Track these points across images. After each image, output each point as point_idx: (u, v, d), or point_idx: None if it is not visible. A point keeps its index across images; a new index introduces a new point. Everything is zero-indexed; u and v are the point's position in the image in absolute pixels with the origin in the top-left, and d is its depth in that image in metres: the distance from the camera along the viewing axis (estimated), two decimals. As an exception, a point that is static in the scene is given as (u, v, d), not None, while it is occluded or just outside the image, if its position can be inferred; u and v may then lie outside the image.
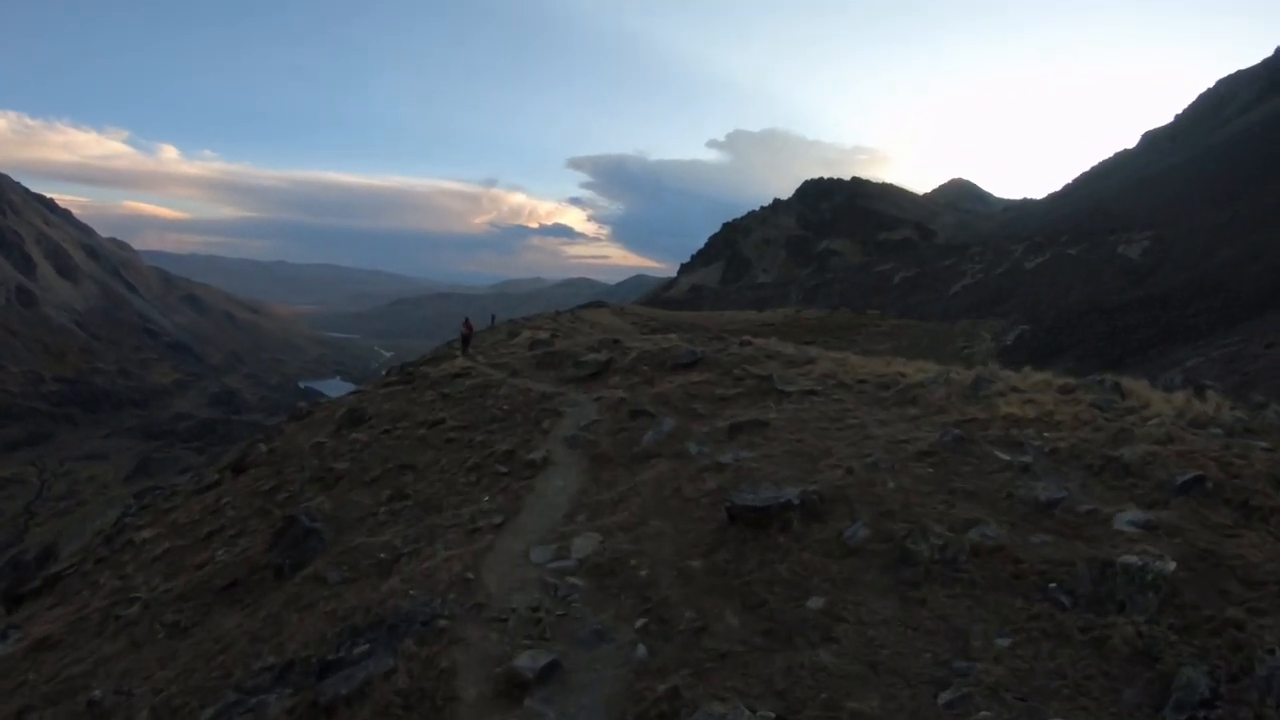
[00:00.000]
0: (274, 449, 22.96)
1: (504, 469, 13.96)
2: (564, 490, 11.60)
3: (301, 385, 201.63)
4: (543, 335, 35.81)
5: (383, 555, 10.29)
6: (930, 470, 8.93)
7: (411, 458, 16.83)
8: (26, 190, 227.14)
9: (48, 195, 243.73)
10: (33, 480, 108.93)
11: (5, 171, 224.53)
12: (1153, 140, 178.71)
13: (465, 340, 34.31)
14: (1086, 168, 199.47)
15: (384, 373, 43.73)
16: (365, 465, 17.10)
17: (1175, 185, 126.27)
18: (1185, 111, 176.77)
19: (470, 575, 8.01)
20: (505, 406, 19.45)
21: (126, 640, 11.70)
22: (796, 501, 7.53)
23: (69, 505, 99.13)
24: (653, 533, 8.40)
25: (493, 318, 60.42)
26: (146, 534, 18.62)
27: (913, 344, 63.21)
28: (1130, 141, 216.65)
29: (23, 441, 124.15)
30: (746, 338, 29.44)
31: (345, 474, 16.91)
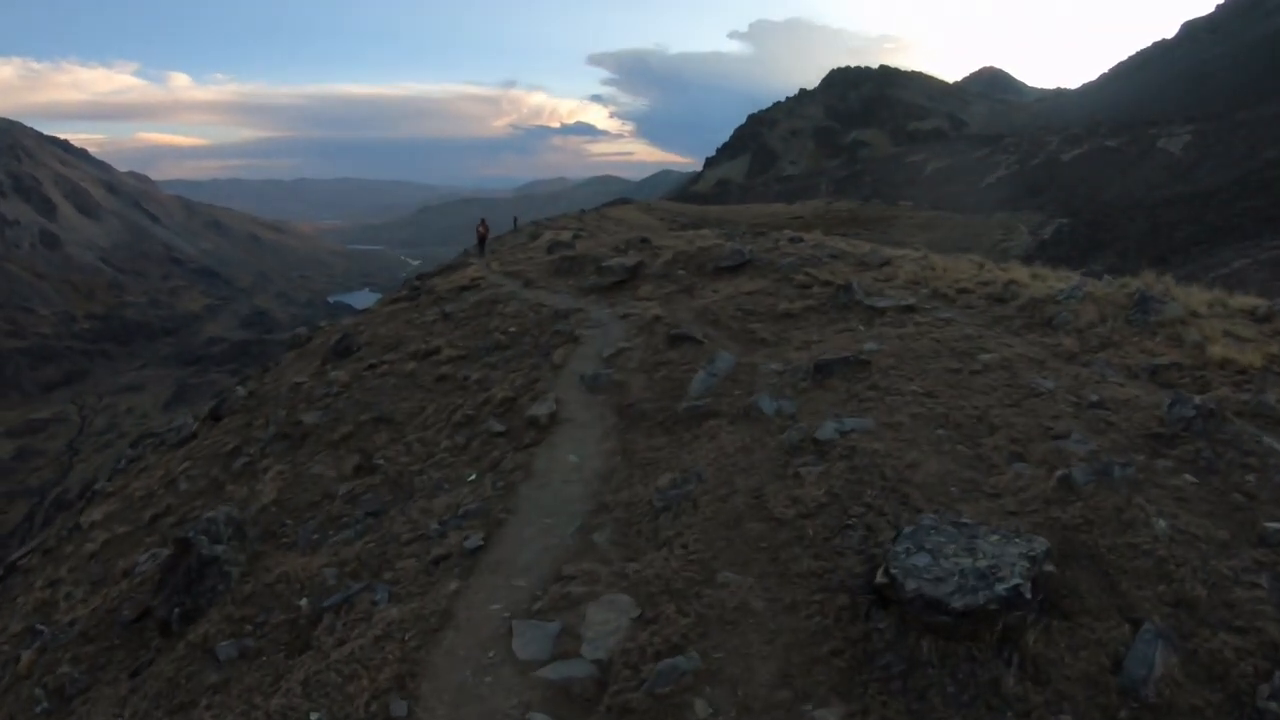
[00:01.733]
0: (253, 392, 19.68)
1: (499, 428, 10.36)
2: (578, 472, 7.86)
3: (331, 300, 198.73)
4: (564, 237, 32.27)
5: (304, 601, 6.72)
6: (1195, 484, 4.90)
7: (392, 405, 13.47)
8: (40, 134, 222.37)
9: (62, 136, 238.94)
10: (73, 418, 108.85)
11: (16, 118, 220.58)
12: (1192, 31, 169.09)
13: (482, 241, 33.70)
14: (1123, 57, 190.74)
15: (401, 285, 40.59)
16: (337, 416, 13.79)
17: (1217, 79, 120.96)
18: (1226, 2, 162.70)
19: (402, 704, 4.37)
20: (511, 328, 16.10)
21: (7, 710, 8.53)
22: (1029, 596, 3.63)
23: (111, 439, 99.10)
24: (728, 608, 4.54)
25: (515, 220, 57.67)
26: (97, 515, 15.45)
27: (947, 237, 59.21)
28: (1169, 32, 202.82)
29: (60, 382, 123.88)
30: (793, 233, 25.18)
31: (312, 430, 13.61)
